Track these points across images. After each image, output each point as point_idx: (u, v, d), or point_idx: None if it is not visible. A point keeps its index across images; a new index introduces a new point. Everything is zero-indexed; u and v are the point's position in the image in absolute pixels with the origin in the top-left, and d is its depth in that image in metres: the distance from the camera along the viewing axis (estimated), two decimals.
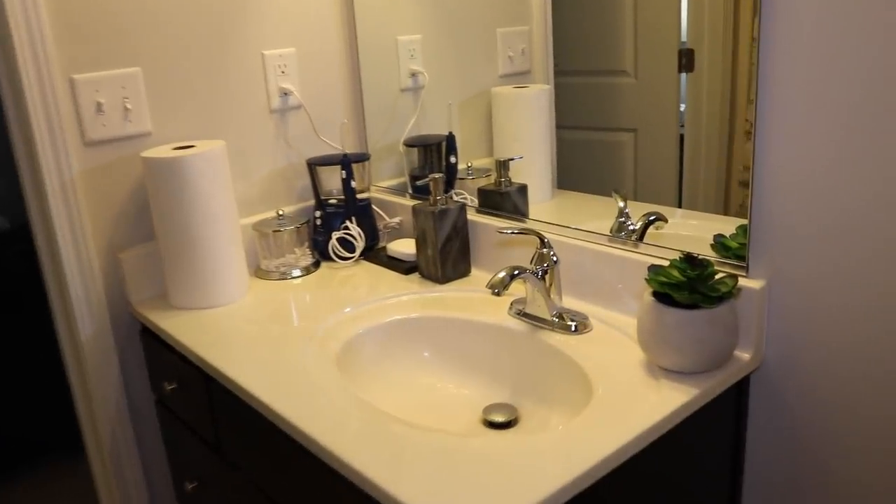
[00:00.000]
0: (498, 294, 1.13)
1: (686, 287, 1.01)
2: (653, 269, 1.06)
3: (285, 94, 1.57)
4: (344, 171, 1.52)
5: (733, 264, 1.09)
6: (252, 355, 1.17)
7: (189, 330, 1.28)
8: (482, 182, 1.51)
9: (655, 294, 1.04)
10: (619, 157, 1.23)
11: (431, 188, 1.40)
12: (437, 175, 1.39)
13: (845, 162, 0.94)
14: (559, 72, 1.31)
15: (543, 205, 1.40)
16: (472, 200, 1.53)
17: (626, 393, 1.00)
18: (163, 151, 1.33)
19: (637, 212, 1.23)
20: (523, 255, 1.37)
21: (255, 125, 1.55)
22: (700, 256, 1.03)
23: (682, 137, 1.12)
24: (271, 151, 1.58)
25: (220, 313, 1.34)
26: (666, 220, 1.23)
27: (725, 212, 1.09)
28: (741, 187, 1.06)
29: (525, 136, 1.42)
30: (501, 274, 1.14)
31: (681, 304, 1.00)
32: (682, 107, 1.11)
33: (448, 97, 1.54)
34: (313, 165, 1.55)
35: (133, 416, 1.47)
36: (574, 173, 1.33)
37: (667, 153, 1.15)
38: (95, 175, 1.36)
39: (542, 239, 1.20)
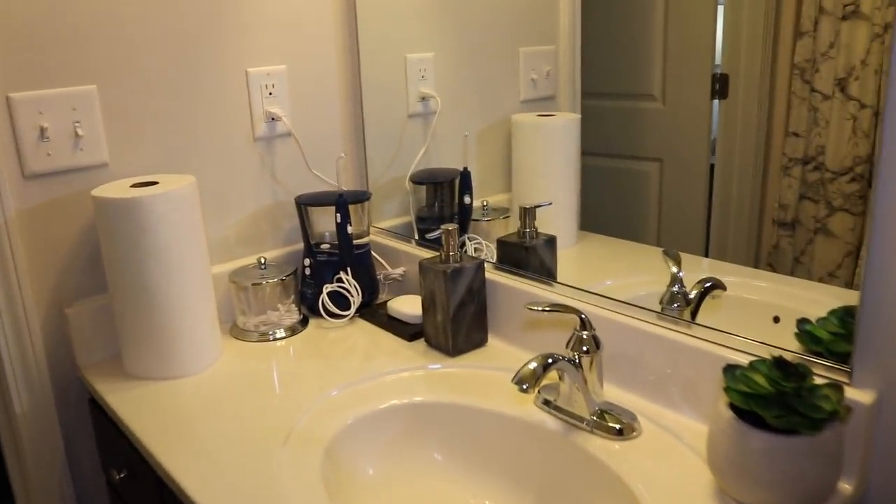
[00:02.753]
0: (526, 391, 0.89)
1: (777, 403, 0.77)
2: (729, 371, 0.82)
3: (273, 119, 1.33)
4: (339, 214, 1.28)
5: (826, 364, 0.86)
6: (214, 457, 0.93)
7: (142, 410, 1.04)
8: (499, 224, 1.31)
9: (734, 407, 0.80)
10: (642, 189, 1.11)
11: (443, 241, 1.16)
12: (450, 226, 1.16)
13: None
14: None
15: (567, 252, 1.21)
16: (487, 247, 1.30)
17: None
18: (118, 189, 1.09)
19: (687, 271, 1.00)
20: (553, 322, 1.14)
21: (236, 156, 1.31)
22: (795, 360, 0.80)
23: (711, 169, 1.03)
24: (254, 187, 1.34)
25: (184, 388, 1.10)
26: (724, 288, 1.02)
27: (757, 253, 0.98)
28: (776, 227, 0.96)
29: (549, 173, 1.24)
30: (532, 365, 0.90)
31: (772, 427, 0.76)
32: (713, 136, 1.02)
33: (462, 125, 1.34)
34: (303, 205, 1.32)
35: None
36: (593, 207, 1.19)
37: (695, 185, 1.05)
38: (37, 214, 1.13)
39: (581, 318, 0.96)
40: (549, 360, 0.91)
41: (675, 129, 1.06)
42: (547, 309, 0.97)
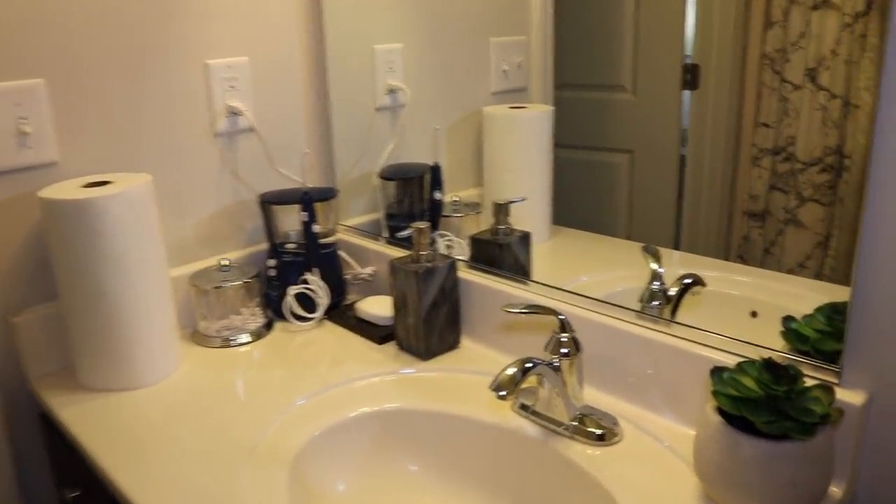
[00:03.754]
0: (504, 398, 0.85)
1: (767, 407, 0.74)
2: (717, 374, 0.79)
3: (234, 114, 1.27)
4: (304, 212, 1.22)
5: (815, 364, 0.83)
6: (173, 475, 0.87)
7: (96, 425, 0.98)
8: (470, 220, 1.26)
9: (722, 411, 0.76)
10: (612, 181, 1.09)
11: (414, 239, 1.11)
12: (421, 224, 1.11)
13: None
14: None
15: (540, 247, 1.17)
16: (459, 244, 1.25)
17: None
18: (68, 190, 1.03)
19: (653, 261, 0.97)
20: (529, 322, 1.09)
21: (195, 153, 1.25)
22: (784, 362, 0.76)
23: (682, 160, 1.01)
24: (215, 185, 1.28)
25: (141, 399, 1.04)
26: (704, 284, 0.99)
27: (728, 245, 0.97)
28: (747, 218, 0.95)
29: (522, 166, 1.20)
30: (510, 371, 0.86)
31: (762, 432, 0.73)
32: (684, 127, 1.01)
33: (432, 118, 1.29)
34: (267, 203, 1.26)
35: None
36: (563, 200, 1.16)
37: (665, 177, 1.03)
38: None
39: (561, 320, 0.92)
40: (528, 365, 0.87)
41: (645, 120, 1.04)
42: (525, 311, 0.93)
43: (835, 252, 0.90)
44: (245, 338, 1.20)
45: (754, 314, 0.98)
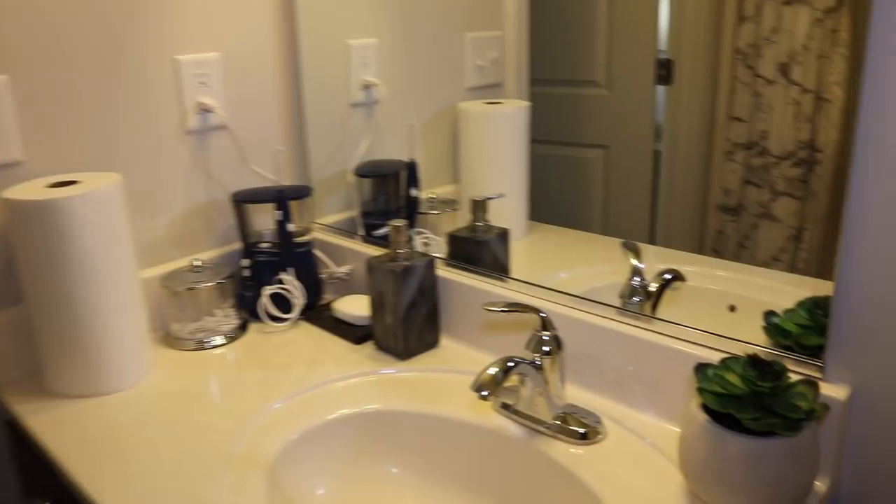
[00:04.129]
0: (486, 398, 0.83)
1: (752, 403, 0.73)
2: (701, 371, 0.78)
3: (205, 111, 1.24)
4: (279, 211, 1.20)
5: (797, 359, 0.82)
6: (147, 484, 0.85)
7: (65, 432, 0.95)
8: (446, 217, 1.25)
9: (707, 409, 0.76)
10: (587, 176, 1.09)
11: (391, 237, 1.09)
12: (398, 222, 1.09)
13: None
14: None
15: (518, 244, 1.17)
16: (436, 242, 1.24)
17: None
18: (34, 190, 0.99)
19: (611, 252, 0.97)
20: (509, 320, 1.08)
21: (165, 151, 1.22)
22: (769, 358, 0.76)
23: (656, 155, 1.02)
24: (186, 184, 1.25)
25: (112, 405, 1.01)
26: (684, 279, 0.99)
27: (702, 239, 0.97)
28: (721, 212, 0.95)
29: (499, 163, 1.19)
30: (492, 371, 0.84)
31: (748, 429, 0.72)
32: (658, 122, 1.01)
33: (407, 114, 1.28)
34: (240, 202, 1.23)
35: None
36: (537, 195, 1.15)
37: (640, 172, 1.03)
38: None
39: (543, 318, 0.91)
40: (510, 364, 0.86)
41: (619, 115, 1.04)
42: (506, 309, 0.91)
43: (808, 245, 0.90)
44: (219, 340, 1.18)
45: (732, 308, 0.98)
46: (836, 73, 0.82)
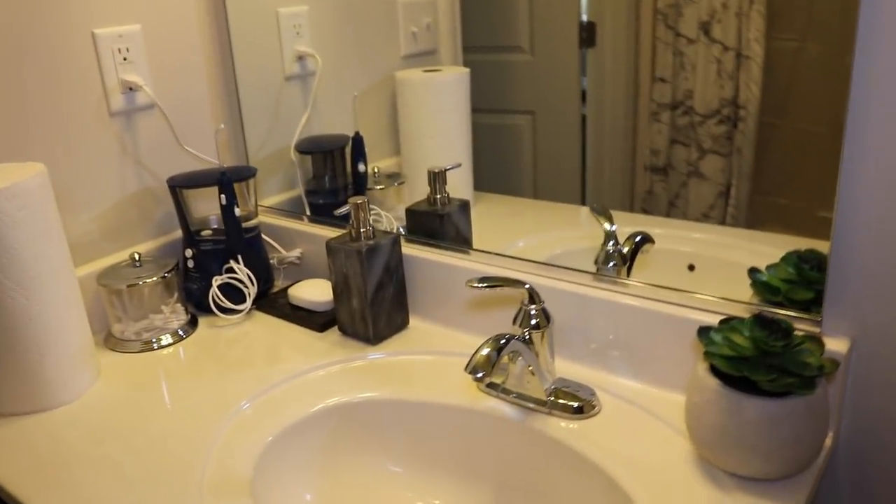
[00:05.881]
0: (482, 380, 0.79)
1: (764, 364, 0.71)
2: (705, 334, 0.76)
3: (131, 89, 1.13)
4: (223, 195, 1.11)
5: (793, 315, 0.81)
6: None
7: (9, 454, 0.85)
8: (392, 192, 1.20)
9: (718, 371, 0.73)
10: (515, 142, 1.08)
11: (353, 215, 1.03)
12: (358, 199, 1.02)
13: None
14: None
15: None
16: (387, 218, 1.18)
17: None
18: None
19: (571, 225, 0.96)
20: (480, 295, 1.03)
21: (89, 136, 1.10)
22: (774, 315, 0.74)
23: (583, 119, 1.01)
24: (116, 171, 1.14)
25: (59, 420, 0.91)
26: (653, 242, 0.98)
27: (632, 200, 0.98)
28: (649, 173, 0.95)
29: (442, 132, 1.14)
30: (485, 351, 0.79)
31: (762, 390, 0.70)
32: (584, 86, 1.01)
33: (343, 85, 1.21)
34: (177, 188, 1.13)
35: None
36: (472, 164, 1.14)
37: (568, 136, 1.03)
38: None
39: (529, 291, 0.86)
40: (503, 342, 0.81)
41: (545, 80, 1.03)
42: (491, 285, 0.86)
43: (735, 201, 0.91)
44: (168, 339, 1.08)
45: (692, 268, 0.96)
46: (755, 29, 0.83)
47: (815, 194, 0.83)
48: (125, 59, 1.12)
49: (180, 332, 1.09)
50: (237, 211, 1.12)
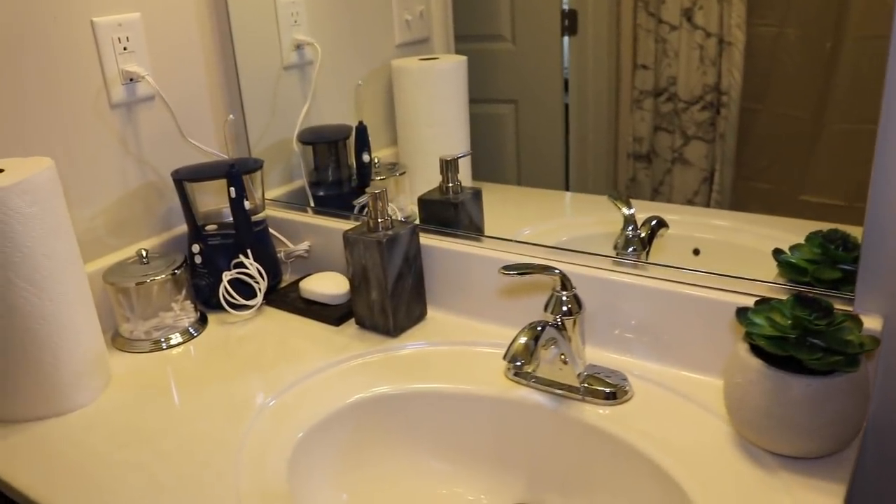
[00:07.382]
0: (521, 368, 0.78)
1: (806, 343, 0.71)
2: (743, 315, 0.76)
3: (132, 80, 1.09)
4: (233, 188, 1.08)
5: (826, 294, 0.82)
6: None
7: (28, 462, 0.82)
8: (394, 182, 1.19)
9: (758, 352, 0.73)
10: (499, 131, 1.09)
11: (370, 206, 1.01)
12: (377, 190, 1.00)
13: None
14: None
15: None
16: (392, 208, 1.17)
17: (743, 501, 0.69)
18: None
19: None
20: (499, 282, 1.02)
21: (89, 128, 1.06)
22: (813, 294, 0.74)
23: (565, 107, 1.02)
24: (118, 164, 1.10)
25: (76, 424, 0.88)
26: (668, 226, 0.98)
27: (616, 187, 1.00)
28: (632, 160, 0.97)
29: (440, 121, 1.13)
30: (523, 339, 0.79)
31: (806, 369, 0.70)
32: (566, 74, 1.02)
33: (341, 74, 1.20)
34: (183, 181, 1.10)
35: None
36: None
37: (551, 125, 1.04)
38: None
39: (561, 277, 0.85)
40: (539, 329, 0.81)
41: (527, 69, 1.03)
42: (523, 272, 0.85)
43: (719, 186, 0.93)
44: (178, 338, 1.05)
45: (696, 252, 0.97)
46: (736, 15, 0.85)
47: (797, 178, 0.84)
48: (125, 48, 1.08)
49: (191, 331, 1.06)
50: (247, 204, 1.10)
